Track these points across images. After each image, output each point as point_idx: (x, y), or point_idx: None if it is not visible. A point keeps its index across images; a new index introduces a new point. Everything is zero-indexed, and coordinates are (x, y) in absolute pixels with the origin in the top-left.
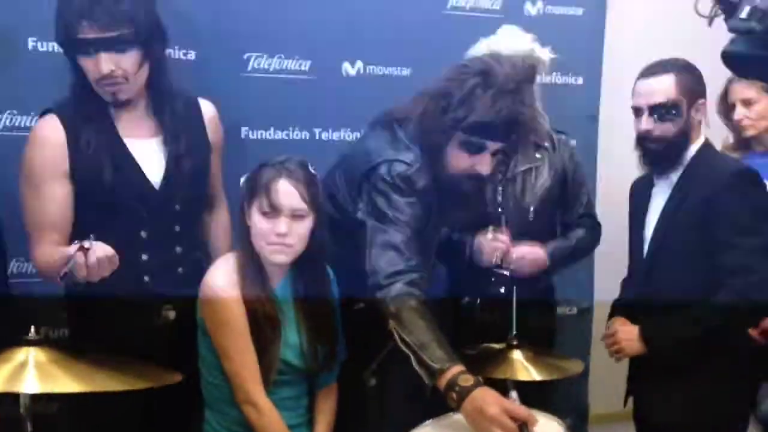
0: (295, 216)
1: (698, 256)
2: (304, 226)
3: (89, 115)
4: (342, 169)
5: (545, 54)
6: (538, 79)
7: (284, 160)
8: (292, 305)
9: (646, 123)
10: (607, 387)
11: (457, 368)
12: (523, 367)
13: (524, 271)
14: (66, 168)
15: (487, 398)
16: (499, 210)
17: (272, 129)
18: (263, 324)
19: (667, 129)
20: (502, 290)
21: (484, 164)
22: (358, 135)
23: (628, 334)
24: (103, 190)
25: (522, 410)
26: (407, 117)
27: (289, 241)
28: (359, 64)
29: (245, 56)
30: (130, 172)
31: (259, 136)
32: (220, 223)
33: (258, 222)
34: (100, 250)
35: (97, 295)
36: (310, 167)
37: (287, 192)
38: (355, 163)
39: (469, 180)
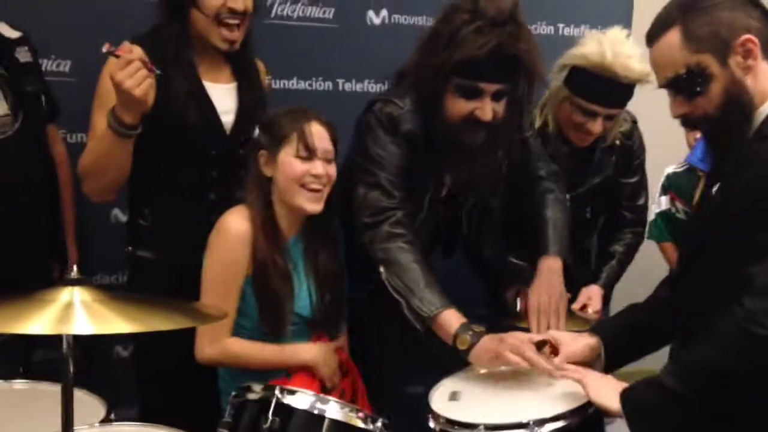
0: (328, 159)
1: None
2: (334, 170)
3: (176, 55)
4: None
5: None
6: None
7: (301, 107)
8: (303, 259)
9: (673, 106)
10: None
11: (449, 311)
12: None
13: None
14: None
15: (503, 335)
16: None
17: (295, 79)
18: (273, 275)
19: (701, 105)
20: None
21: (485, 109)
22: (382, 87)
23: None
24: (184, 129)
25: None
26: (408, 67)
27: (325, 181)
28: (384, 12)
29: (268, 2)
30: (209, 115)
31: (281, 86)
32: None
33: (292, 166)
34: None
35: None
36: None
37: (321, 134)
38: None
39: (469, 127)
